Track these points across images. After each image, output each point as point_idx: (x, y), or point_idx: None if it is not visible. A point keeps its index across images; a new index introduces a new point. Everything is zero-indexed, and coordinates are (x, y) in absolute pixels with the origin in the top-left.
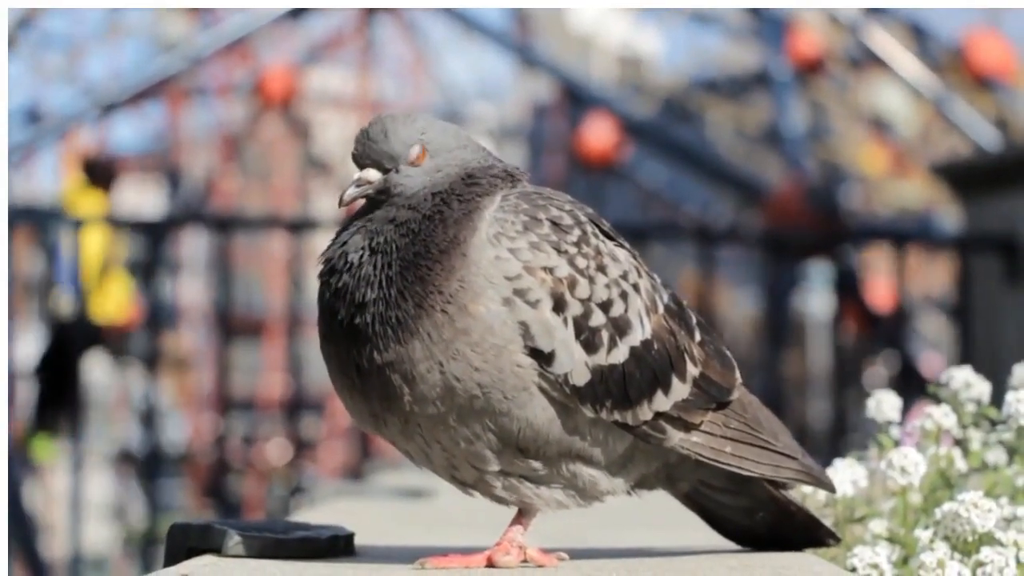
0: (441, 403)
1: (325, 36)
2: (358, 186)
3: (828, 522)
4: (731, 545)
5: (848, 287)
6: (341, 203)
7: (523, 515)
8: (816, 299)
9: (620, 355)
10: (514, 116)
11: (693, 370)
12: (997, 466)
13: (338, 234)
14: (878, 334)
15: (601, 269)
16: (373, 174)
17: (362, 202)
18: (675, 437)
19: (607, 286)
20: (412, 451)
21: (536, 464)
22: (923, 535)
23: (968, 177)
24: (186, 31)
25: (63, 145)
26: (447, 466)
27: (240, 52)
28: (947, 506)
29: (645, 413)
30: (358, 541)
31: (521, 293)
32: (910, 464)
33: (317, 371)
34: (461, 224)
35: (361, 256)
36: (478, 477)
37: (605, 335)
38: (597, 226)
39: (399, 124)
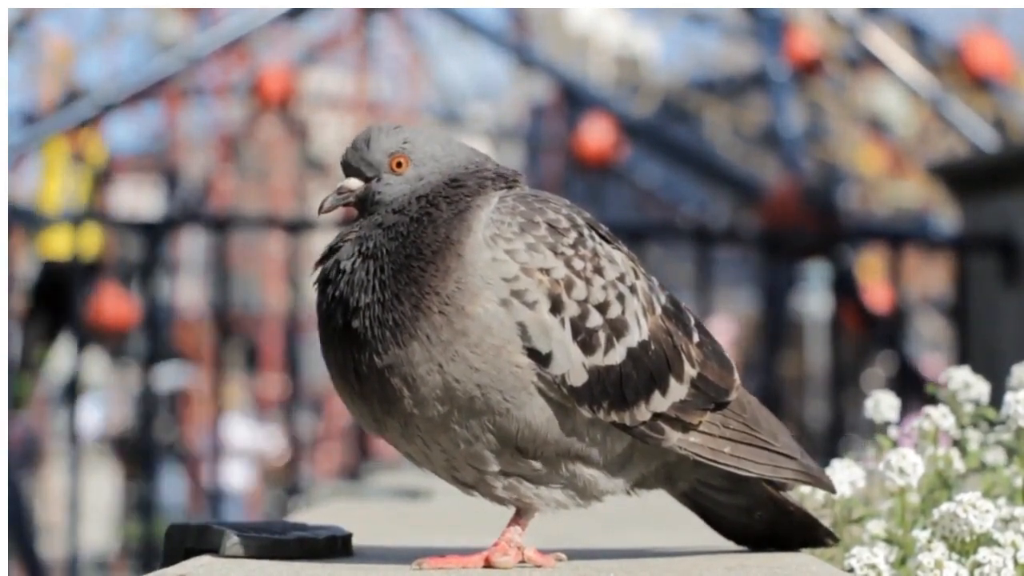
0: (441, 405)
1: (323, 37)
2: (339, 194)
3: (826, 522)
4: (729, 545)
5: (846, 287)
6: (320, 211)
7: (521, 515)
8: (814, 299)
9: (617, 356)
10: (511, 116)
11: (690, 371)
12: (995, 467)
13: (331, 243)
14: (876, 335)
15: (598, 271)
16: (354, 183)
17: (354, 211)
18: (673, 437)
19: (604, 288)
20: (413, 453)
21: (536, 464)
22: (921, 536)
23: (966, 177)
24: (183, 31)
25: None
26: (447, 467)
27: (238, 52)
28: (945, 507)
29: (643, 414)
30: (356, 542)
31: (518, 294)
32: (908, 465)
33: (314, 371)
34: (452, 225)
35: (353, 262)
36: (478, 477)
37: (602, 336)
38: (594, 229)
39: (383, 134)
